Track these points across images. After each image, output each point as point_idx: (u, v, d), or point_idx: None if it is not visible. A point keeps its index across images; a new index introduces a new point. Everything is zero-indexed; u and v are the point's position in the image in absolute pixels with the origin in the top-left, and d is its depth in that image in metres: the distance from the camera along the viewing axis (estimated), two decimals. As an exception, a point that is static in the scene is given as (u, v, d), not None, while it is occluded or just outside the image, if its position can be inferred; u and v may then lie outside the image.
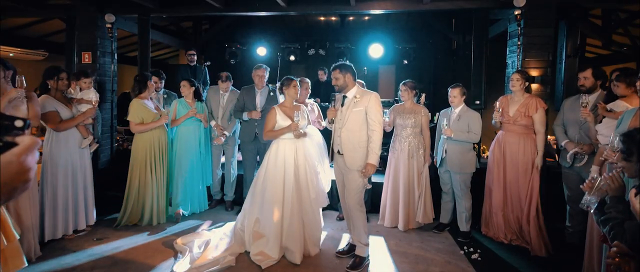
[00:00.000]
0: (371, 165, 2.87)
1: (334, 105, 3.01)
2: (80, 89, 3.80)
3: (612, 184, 1.71)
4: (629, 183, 1.85)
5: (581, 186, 1.86)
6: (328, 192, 3.72)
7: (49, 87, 3.26)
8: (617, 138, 1.80)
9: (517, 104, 3.41)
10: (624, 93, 2.76)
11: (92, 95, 3.62)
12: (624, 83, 2.74)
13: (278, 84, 3.40)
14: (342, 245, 3.35)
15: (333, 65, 2.98)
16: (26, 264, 2.39)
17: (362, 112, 2.90)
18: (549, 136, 3.53)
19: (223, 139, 4.20)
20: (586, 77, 3.13)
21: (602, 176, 1.77)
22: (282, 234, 3.05)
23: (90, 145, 3.53)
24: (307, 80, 3.96)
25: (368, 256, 3.06)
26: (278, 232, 3.04)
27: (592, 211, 1.79)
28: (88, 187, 3.52)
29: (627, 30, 5.67)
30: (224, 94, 4.27)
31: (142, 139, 3.70)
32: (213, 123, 4.21)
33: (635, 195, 1.53)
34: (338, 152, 3.01)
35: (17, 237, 2.32)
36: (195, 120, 4.08)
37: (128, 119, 3.68)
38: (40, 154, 4.33)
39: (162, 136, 3.80)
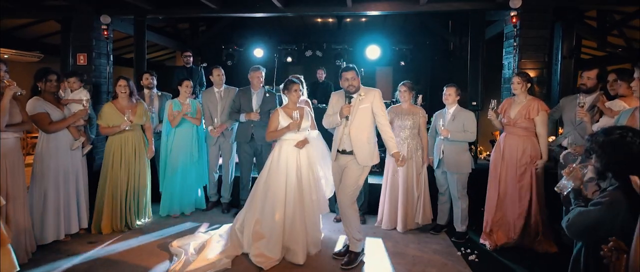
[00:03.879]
0: (396, 153, 2.97)
1: (348, 102, 2.97)
2: (71, 91, 3.78)
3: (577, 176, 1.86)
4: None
5: (562, 171, 1.91)
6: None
7: (39, 89, 3.22)
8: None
9: (519, 105, 3.39)
10: (624, 93, 2.78)
11: (82, 95, 3.59)
12: (626, 83, 2.75)
13: (281, 86, 3.41)
14: (340, 247, 3.34)
15: (347, 66, 3.00)
16: (18, 268, 2.36)
17: (368, 109, 2.96)
18: (550, 138, 3.52)
19: (221, 130, 4.15)
20: (590, 77, 3.10)
21: (580, 165, 1.86)
22: (284, 235, 3.06)
23: (83, 146, 3.49)
24: (301, 78, 3.97)
25: (362, 250, 3.08)
26: (279, 233, 3.04)
27: (565, 194, 1.88)
28: (81, 189, 3.47)
29: (622, 31, 5.71)
30: (219, 91, 4.23)
31: (109, 141, 3.65)
32: (210, 128, 4.19)
33: None
34: (344, 151, 3.00)
35: (9, 241, 2.29)
36: (189, 122, 4.07)
37: (97, 121, 3.68)
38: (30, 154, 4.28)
39: (133, 139, 3.68)
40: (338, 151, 3.04)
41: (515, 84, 3.38)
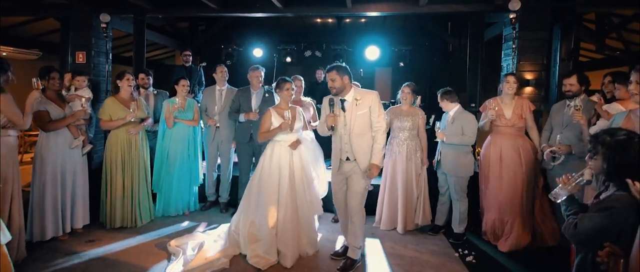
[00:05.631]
0: (375, 166, 2.83)
1: (332, 111, 2.86)
2: (76, 89, 3.78)
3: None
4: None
5: (557, 179, 1.91)
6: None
7: (43, 86, 3.22)
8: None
9: (510, 106, 3.42)
10: (622, 96, 2.79)
11: (84, 93, 3.59)
12: (624, 86, 2.75)
13: (273, 85, 3.39)
14: (337, 247, 3.34)
15: (329, 66, 2.89)
16: (13, 271, 2.35)
17: (367, 114, 2.86)
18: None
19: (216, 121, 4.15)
20: (572, 83, 3.17)
21: (577, 174, 1.84)
22: (277, 237, 3.04)
23: (83, 146, 3.48)
24: (300, 78, 3.97)
25: (359, 258, 3.06)
26: (273, 234, 3.03)
27: (559, 201, 1.87)
28: (79, 188, 3.47)
29: (620, 34, 5.73)
30: (221, 89, 4.22)
31: (112, 137, 3.64)
32: (209, 120, 4.17)
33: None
34: (347, 159, 2.91)
35: (7, 239, 2.28)
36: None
37: (98, 116, 3.68)
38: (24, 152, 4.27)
39: (135, 135, 3.70)
40: (340, 159, 2.94)
41: (511, 83, 3.41)
